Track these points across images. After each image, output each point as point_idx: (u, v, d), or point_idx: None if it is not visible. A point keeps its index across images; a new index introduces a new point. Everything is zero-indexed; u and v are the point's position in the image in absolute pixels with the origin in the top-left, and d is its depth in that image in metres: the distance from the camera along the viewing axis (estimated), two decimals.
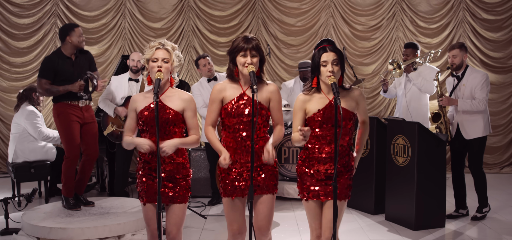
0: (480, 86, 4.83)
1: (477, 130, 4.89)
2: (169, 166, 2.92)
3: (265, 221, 2.89)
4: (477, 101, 4.83)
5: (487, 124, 4.93)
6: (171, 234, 2.97)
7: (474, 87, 4.86)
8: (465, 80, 4.92)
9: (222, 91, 2.89)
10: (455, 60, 4.93)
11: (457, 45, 4.97)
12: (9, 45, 7.68)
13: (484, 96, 4.83)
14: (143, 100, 2.95)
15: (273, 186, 2.91)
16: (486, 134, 4.93)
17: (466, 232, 4.65)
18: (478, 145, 4.91)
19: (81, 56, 4.63)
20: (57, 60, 4.53)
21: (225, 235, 4.52)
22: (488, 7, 7.87)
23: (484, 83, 4.84)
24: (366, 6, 7.85)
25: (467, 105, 4.85)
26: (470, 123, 4.90)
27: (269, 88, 2.90)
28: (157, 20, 7.79)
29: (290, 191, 5.83)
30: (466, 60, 4.97)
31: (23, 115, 5.68)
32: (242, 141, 2.83)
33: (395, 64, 5.15)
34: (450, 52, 4.97)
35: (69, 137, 4.51)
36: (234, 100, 2.85)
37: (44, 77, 4.51)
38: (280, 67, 7.84)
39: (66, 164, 4.56)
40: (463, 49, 4.93)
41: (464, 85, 4.91)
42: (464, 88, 4.91)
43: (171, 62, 2.93)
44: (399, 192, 4.82)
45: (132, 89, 5.46)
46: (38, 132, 5.66)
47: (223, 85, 2.92)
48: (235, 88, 2.88)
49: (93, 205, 4.64)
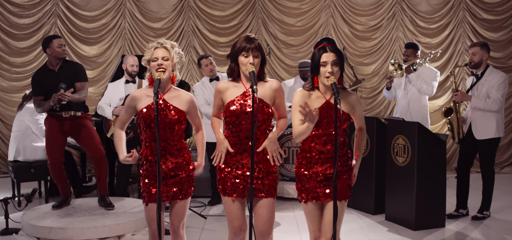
0: (497, 86, 4.81)
1: (489, 130, 4.87)
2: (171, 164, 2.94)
3: (266, 225, 2.88)
4: (491, 100, 4.80)
5: (500, 126, 4.89)
6: (174, 226, 3.05)
7: (491, 87, 4.84)
8: (484, 80, 4.90)
9: (224, 90, 2.89)
10: (474, 57, 4.91)
11: (479, 43, 4.96)
12: (9, 45, 7.68)
13: (499, 96, 4.80)
14: (145, 98, 2.94)
15: (273, 190, 2.90)
16: (498, 136, 4.89)
17: (466, 232, 4.65)
18: (490, 146, 4.89)
19: (66, 67, 4.60)
20: (42, 74, 4.58)
21: (225, 235, 4.53)
22: (488, 7, 7.87)
23: (502, 84, 4.81)
24: (366, 6, 7.85)
25: (481, 103, 4.83)
26: (482, 123, 4.88)
27: (273, 86, 2.90)
28: (157, 20, 7.79)
29: (290, 191, 5.83)
30: (486, 59, 4.94)
31: (27, 112, 5.75)
32: (244, 140, 2.82)
33: (396, 65, 5.15)
34: (471, 49, 4.96)
35: (49, 145, 4.59)
36: (237, 98, 2.84)
37: (35, 94, 4.59)
38: (280, 67, 7.84)
39: (50, 170, 4.64)
40: (484, 48, 4.91)
41: (482, 84, 4.89)
42: (482, 87, 4.89)
43: (171, 59, 2.93)
44: (399, 192, 4.82)
45: (130, 90, 5.47)
46: (40, 129, 5.71)
47: (226, 84, 2.92)
48: (237, 87, 2.88)
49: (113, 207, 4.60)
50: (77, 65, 4.75)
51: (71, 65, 4.67)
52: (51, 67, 4.58)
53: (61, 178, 4.62)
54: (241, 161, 2.85)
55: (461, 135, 5.04)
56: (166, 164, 2.92)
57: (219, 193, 5.64)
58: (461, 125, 5.03)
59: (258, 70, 2.84)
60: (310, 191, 2.83)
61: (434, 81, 5.31)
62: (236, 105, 2.83)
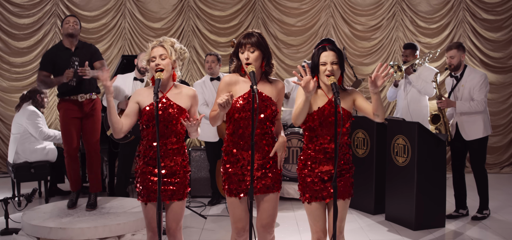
0: (479, 87, 4.82)
1: (477, 131, 4.89)
2: (169, 163, 2.93)
3: (270, 219, 2.90)
4: (476, 102, 4.82)
5: (487, 125, 4.92)
6: (171, 230, 3.00)
7: (472, 88, 4.85)
8: (464, 81, 4.91)
9: (231, 85, 2.84)
10: (452, 60, 4.92)
11: (454, 45, 4.94)
12: (9, 45, 7.68)
13: (483, 97, 4.82)
14: (148, 96, 2.92)
15: (278, 185, 2.91)
16: (486, 135, 4.93)
17: (466, 232, 4.65)
18: (478, 145, 4.91)
19: (83, 48, 4.58)
20: (56, 52, 4.54)
21: (225, 235, 4.53)
22: (488, 7, 7.87)
23: (483, 84, 4.82)
24: (366, 6, 7.85)
25: (466, 107, 4.84)
26: (469, 124, 4.89)
27: (278, 86, 2.91)
28: (157, 20, 7.79)
29: (290, 191, 5.83)
30: (464, 60, 4.96)
31: (24, 115, 5.68)
32: (249, 137, 2.80)
33: (396, 67, 5.15)
34: (448, 53, 4.95)
35: (66, 133, 4.53)
36: (245, 95, 2.81)
37: (42, 69, 4.53)
38: (280, 67, 7.84)
39: (66, 160, 4.60)
40: (460, 49, 4.90)
41: (463, 85, 4.90)
42: (463, 89, 4.90)
43: (169, 57, 2.90)
44: (399, 192, 4.82)
45: (137, 88, 5.46)
46: (39, 132, 5.66)
47: (234, 78, 2.86)
48: (246, 82, 2.85)
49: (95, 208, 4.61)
50: (92, 46, 4.72)
51: (86, 46, 4.65)
52: (67, 45, 4.55)
53: (75, 169, 4.59)
54: (247, 158, 2.83)
55: (449, 137, 5.06)
56: (164, 162, 2.91)
57: (219, 193, 5.72)
58: (448, 128, 5.05)
59: (259, 64, 2.80)
60: (314, 191, 2.82)
61: (434, 81, 5.30)
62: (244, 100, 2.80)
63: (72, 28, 4.51)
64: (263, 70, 2.86)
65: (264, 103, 2.82)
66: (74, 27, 4.52)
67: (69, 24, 4.52)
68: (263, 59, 2.83)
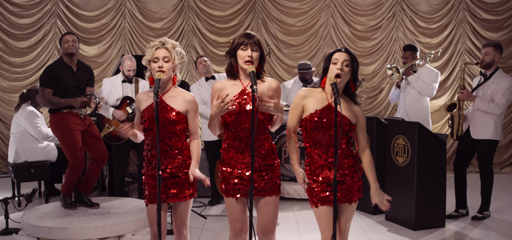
0: (503, 91, 4.79)
1: (486, 131, 4.87)
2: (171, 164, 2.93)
3: (270, 223, 2.87)
4: (495, 104, 4.79)
5: (497, 129, 4.87)
6: (176, 226, 3.07)
7: (497, 90, 4.82)
8: (491, 81, 4.89)
9: (221, 90, 2.83)
10: (486, 57, 4.90)
11: (492, 43, 4.94)
12: (9, 45, 7.68)
13: (504, 101, 4.79)
14: (146, 99, 2.96)
15: (277, 188, 2.88)
16: (495, 139, 4.88)
17: (466, 232, 4.65)
18: (487, 148, 4.88)
19: (82, 69, 4.68)
20: (59, 68, 4.56)
21: (225, 235, 4.53)
22: (488, 7, 7.87)
23: (508, 90, 4.79)
24: (366, 6, 7.85)
25: (484, 106, 4.82)
26: (480, 123, 4.87)
27: (272, 85, 2.85)
28: (157, 20, 7.79)
29: (290, 191, 5.83)
30: (498, 60, 4.93)
31: (23, 115, 5.68)
32: (244, 139, 2.79)
33: (393, 69, 5.14)
34: (484, 49, 4.95)
35: (72, 147, 4.51)
36: (235, 97, 2.79)
37: (47, 87, 4.52)
38: (280, 67, 7.84)
39: (71, 172, 4.56)
40: (497, 49, 4.89)
41: (489, 85, 4.88)
42: (487, 88, 4.88)
43: (172, 60, 2.92)
44: (399, 192, 4.82)
45: (127, 90, 5.47)
46: (38, 132, 5.66)
47: (223, 83, 2.86)
48: (236, 85, 2.84)
49: (98, 206, 4.63)
50: (90, 69, 4.83)
51: (85, 69, 4.74)
52: (69, 63, 4.59)
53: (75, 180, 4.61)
54: (242, 160, 2.82)
55: (460, 132, 5.04)
56: (165, 164, 2.92)
57: (219, 193, 5.71)
58: (461, 123, 5.03)
59: (257, 65, 2.80)
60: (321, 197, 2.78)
61: (435, 82, 5.29)
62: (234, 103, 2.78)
63: (72, 48, 4.59)
64: (258, 72, 2.84)
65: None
66: (73, 46, 4.60)
67: (68, 44, 4.57)
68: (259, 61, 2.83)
